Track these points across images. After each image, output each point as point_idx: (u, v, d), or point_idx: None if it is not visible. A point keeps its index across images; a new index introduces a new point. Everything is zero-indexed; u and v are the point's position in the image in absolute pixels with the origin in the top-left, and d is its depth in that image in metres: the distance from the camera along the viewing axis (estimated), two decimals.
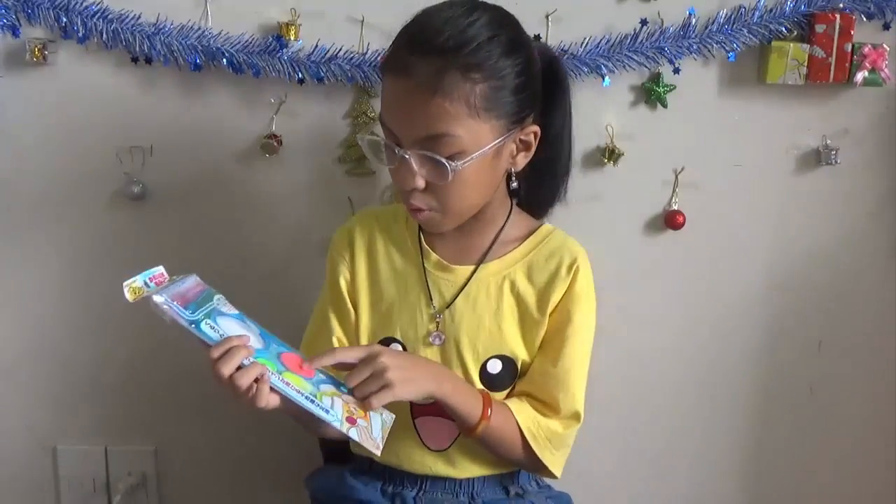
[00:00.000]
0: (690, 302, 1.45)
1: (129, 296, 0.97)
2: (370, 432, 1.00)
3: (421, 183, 1.05)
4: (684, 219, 1.39)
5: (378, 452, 1.00)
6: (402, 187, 1.07)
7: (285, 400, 0.98)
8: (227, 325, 1.00)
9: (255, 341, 1.00)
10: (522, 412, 1.13)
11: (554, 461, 1.15)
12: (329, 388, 1.01)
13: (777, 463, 1.52)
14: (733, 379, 1.49)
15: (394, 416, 1.05)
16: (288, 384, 0.97)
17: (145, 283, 0.99)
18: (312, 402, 0.97)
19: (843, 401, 1.50)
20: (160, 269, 1.02)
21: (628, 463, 1.52)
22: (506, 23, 1.06)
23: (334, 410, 0.98)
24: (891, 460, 1.52)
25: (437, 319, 1.15)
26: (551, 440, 1.14)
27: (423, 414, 1.14)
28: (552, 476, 1.17)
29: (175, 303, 0.96)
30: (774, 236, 1.44)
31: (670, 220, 1.40)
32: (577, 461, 1.21)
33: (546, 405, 1.15)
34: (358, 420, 0.99)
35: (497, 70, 1.02)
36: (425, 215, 1.09)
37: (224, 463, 1.51)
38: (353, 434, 0.98)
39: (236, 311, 1.04)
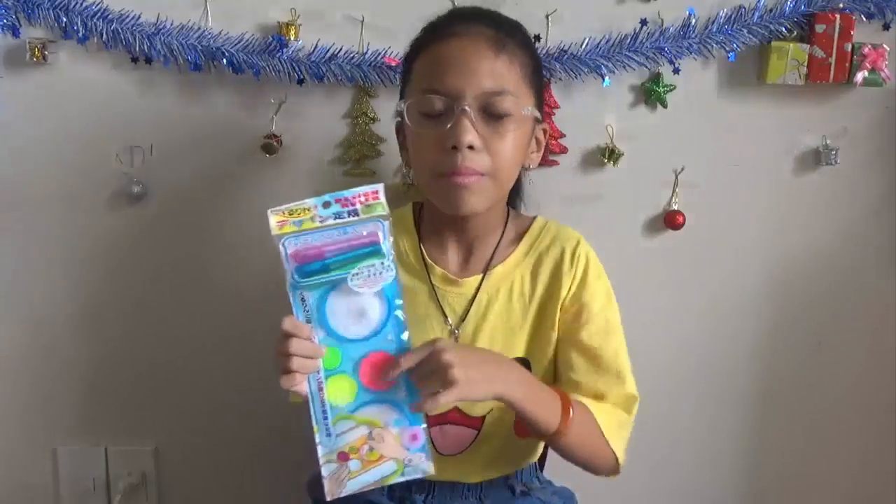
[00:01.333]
0: (690, 302, 1.45)
1: (273, 220, 0.91)
2: (345, 478, 0.94)
3: (478, 140, 1.04)
4: (684, 219, 1.39)
5: (327, 498, 0.94)
6: (458, 145, 1.03)
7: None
8: (338, 304, 0.93)
9: (354, 329, 0.94)
10: (590, 404, 1.09)
11: (621, 445, 1.11)
12: (378, 412, 0.94)
13: (777, 462, 1.52)
14: (733, 378, 1.49)
15: (429, 471, 0.96)
16: (321, 388, 0.94)
17: (322, 204, 0.91)
18: (325, 418, 0.94)
19: (842, 400, 1.50)
20: (378, 187, 0.92)
21: (628, 461, 1.51)
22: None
23: (337, 439, 0.94)
24: (890, 459, 1.52)
25: (456, 334, 1.14)
26: (620, 424, 1.11)
27: (442, 422, 1.13)
28: (613, 465, 1.12)
29: (289, 255, 0.92)
30: (774, 236, 1.44)
31: (670, 220, 1.40)
32: None
33: (595, 396, 1.12)
34: (352, 461, 0.94)
35: (534, 54, 1.13)
36: (473, 180, 1.05)
37: (224, 463, 1.51)
38: (324, 470, 0.94)
39: (385, 284, 0.93)
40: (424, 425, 0.96)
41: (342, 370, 0.95)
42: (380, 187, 0.93)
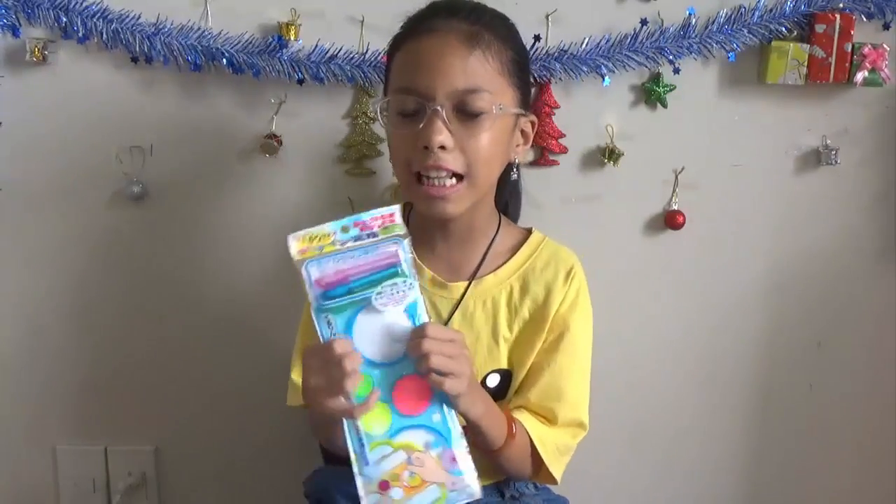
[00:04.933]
0: (690, 302, 1.45)
1: (294, 246, 0.90)
2: None
3: (450, 140, 1.04)
4: (684, 219, 1.39)
5: None
6: (429, 145, 1.03)
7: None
8: (366, 326, 0.91)
9: (383, 352, 0.92)
10: (532, 425, 1.12)
11: (559, 468, 1.15)
12: (415, 436, 0.92)
13: (777, 463, 1.52)
14: (733, 379, 1.49)
15: (476, 493, 0.94)
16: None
17: (340, 229, 0.91)
18: (362, 446, 0.91)
19: (842, 400, 1.50)
20: (394, 209, 0.92)
21: (627, 463, 1.52)
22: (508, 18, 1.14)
23: (376, 468, 0.91)
24: (891, 460, 1.52)
25: None
26: (559, 449, 1.14)
27: None
28: (552, 482, 1.16)
29: (313, 281, 0.90)
30: (774, 236, 1.44)
31: (670, 220, 1.40)
32: (575, 462, 1.21)
33: (544, 416, 1.14)
34: (394, 489, 0.91)
35: (516, 45, 1.11)
36: (449, 190, 1.05)
37: (224, 463, 1.51)
38: (365, 502, 0.91)
39: (406, 304, 0.92)
40: (465, 444, 0.94)
41: (364, 398, 0.92)
42: (396, 209, 0.93)
